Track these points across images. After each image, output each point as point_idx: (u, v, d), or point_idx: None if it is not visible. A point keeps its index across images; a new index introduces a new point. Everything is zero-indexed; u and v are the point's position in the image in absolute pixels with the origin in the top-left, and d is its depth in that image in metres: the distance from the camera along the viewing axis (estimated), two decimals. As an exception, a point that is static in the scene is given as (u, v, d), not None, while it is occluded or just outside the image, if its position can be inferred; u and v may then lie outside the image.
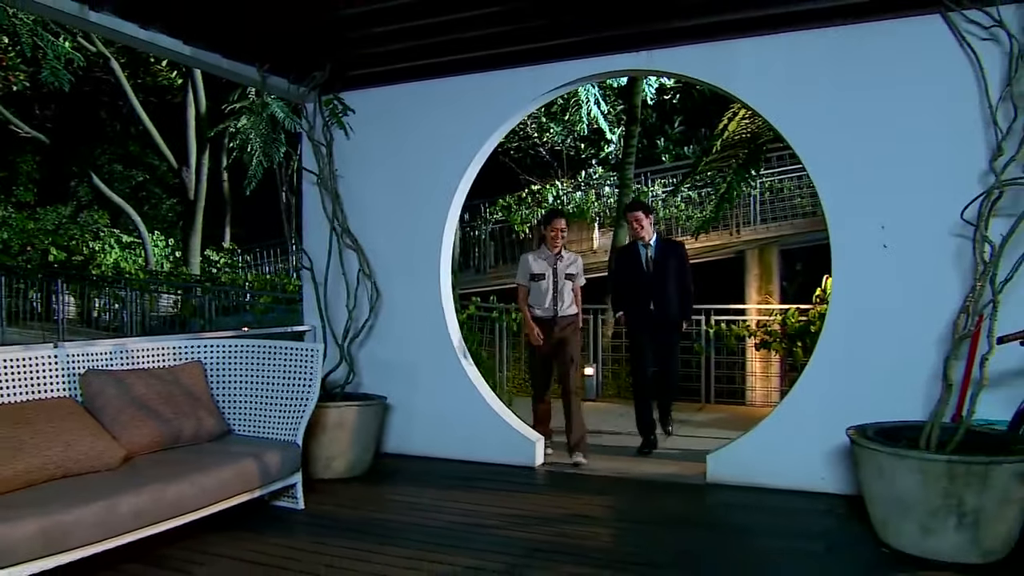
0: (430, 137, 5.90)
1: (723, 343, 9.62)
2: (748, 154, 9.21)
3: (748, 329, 9.62)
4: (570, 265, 6.06)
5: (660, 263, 6.26)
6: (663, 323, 6.27)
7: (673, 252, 6.45)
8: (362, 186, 6.08)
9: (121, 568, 3.64)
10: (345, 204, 6.00)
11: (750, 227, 14.33)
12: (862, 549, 3.93)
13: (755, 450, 5.06)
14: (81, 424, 3.78)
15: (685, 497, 4.94)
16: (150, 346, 4.61)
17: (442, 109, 5.88)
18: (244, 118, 18.54)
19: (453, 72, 5.77)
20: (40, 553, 3.08)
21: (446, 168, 5.89)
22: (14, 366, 3.91)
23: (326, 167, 5.97)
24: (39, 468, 3.45)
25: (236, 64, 5.50)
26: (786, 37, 4.93)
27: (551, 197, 16.14)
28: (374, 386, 5.91)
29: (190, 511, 3.76)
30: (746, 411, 9.09)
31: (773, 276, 13.94)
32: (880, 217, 4.72)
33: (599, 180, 16.70)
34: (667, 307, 6.25)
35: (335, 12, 4.95)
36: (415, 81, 5.94)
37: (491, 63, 5.61)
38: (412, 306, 5.99)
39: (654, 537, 4.15)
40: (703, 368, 9.67)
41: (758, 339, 9.35)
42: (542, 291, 5.97)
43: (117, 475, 3.69)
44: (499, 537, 4.12)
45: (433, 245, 5.92)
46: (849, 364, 4.79)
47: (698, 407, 9.02)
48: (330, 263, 5.86)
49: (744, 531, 4.36)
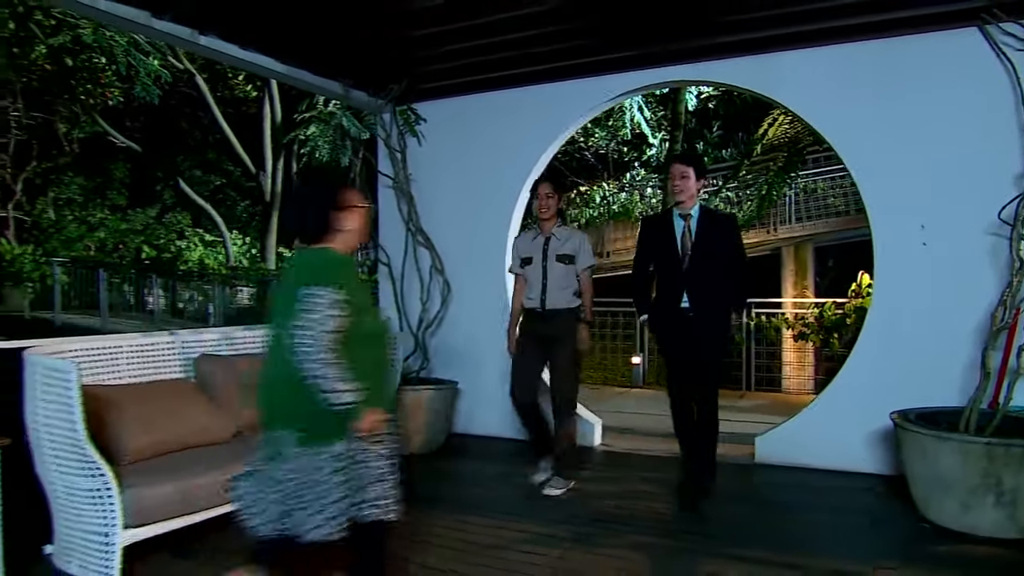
0: (495, 144, 6.03)
1: (763, 334, 9.61)
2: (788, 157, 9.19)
3: (787, 321, 9.61)
4: (564, 244, 4.56)
5: (702, 243, 4.22)
6: (701, 331, 4.21)
7: (721, 228, 4.32)
8: (433, 189, 6.24)
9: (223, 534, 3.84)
10: (418, 205, 6.17)
11: (786, 225, 14.23)
12: (904, 523, 3.97)
13: (800, 433, 5.11)
14: (197, 402, 4.00)
15: (734, 475, 5.00)
16: (252, 334, 4.82)
17: (506, 118, 6.01)
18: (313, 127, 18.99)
19: (516, 84, 5.88)
20: (174, 513, 3.30)
21: (509, 173, 6.01)
22: (139, 352, 4.15)
23: (401, 172, 6.15)
24: (167, 440, 3.67)
25: (323, 80, 5.70)
26: (830, 49, 4.96)
27: (598, 197, 16.19)
28: (445, 372, 6.07)
29: (292, 480, 3.96)
30: (783, 398, 9.11)
31: (808, 271, 13.84)
32: (920, 217, 4.73)
33: (642, 182, 16.69)
34: (706, 306, 4.21)
35: (409, 33, 5.10)
36: (481, 93, 6.07)
37: (552, 76, 5.71)
38: (479, 299, 6.13)
39: (708, 511, 4.24)
40: (744, 358, 9.68)
41: (796, 331, 9.33)
42: (532, 278, 4.62)
43: (230, 447, 3.90)
44: (564, 509, 4.25)
45: (498, 243, 6.05)
46: (889, 354, 4.81)
47: (739, 394, 9.03)
48: (406, 259, 6.04)
49: (792, 506, 4.44)
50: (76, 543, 3.27)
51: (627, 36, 5.03)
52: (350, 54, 5.50)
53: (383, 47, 5.42)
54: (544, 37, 5.07)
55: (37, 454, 3.32)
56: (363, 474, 2.54)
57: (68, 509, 3.26)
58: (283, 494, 2.48)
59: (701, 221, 4.28)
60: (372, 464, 2.56)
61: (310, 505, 2.45)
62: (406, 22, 4.87)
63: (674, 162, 4.41)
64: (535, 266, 4.59)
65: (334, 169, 3.32)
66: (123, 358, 4.06)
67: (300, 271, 2.55)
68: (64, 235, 20.90)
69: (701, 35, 4.98)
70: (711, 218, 4.35)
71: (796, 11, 4.55)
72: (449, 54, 5.47)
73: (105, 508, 3.10)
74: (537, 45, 5.22)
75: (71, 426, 3.02)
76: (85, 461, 3.06)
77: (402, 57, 5.57)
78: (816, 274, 14.34)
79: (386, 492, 2.57)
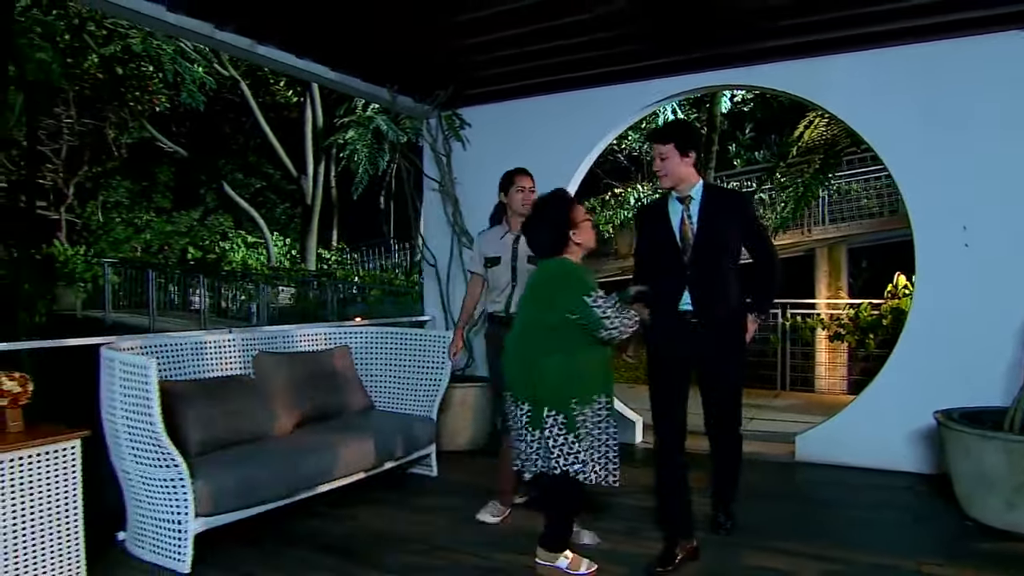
0: (539, 148, 6.07)
1: (798, 335, 9.57)
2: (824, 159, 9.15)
3: (822, 322, 9.55)
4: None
5: (707, 230, 3.39)
6: (710, 335, 3.42)
7: (729, 209, 3.47)
8: (478, 192, 6.29)
9: (295, 521, 3.97)
10: (462, 208, 6.26)
11: (820, 227, 14.12)
12: (947, 520, 3.97)
13: (841, 431, 5.10)
14: (258, 397, 4.12)
15: (775, 473, 5.01)
16: (306, 332, 4.94)
17: (550, 123, 6.05)
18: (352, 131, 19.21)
19: (560, 89, 5.93)
20: (239, 503, 3.42)
21: (552, 177, 6.01)
22: (202, 348, 4.29)
23: (446, 175, 6.25)
24: (230, 434, 3.80)
25: (371, 86, 5.82)
26: (873, 53, 4.94)
27: (632, 199, 16.17)
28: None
29: (348, 474, 4.06)
30: (817, 398, 9.07)
31: (842, 272, 13.71)
32: (962, 218, 4.70)
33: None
34: (714, 308, 3.41)
35: (455, 42, 5.17)
36: (525, 98, 6.12)
37: (595, 81, 5.73)
38: (521, 299, 6.18)
39: (753, 507, 4.25)
40: (779, 357, 9.65)
41: (831, 331, 9.27)
42: (498, 280, 4.12)
43: (289, 441, 4.02)
44: (613, 503, 4.30)
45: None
46: (930, 353, 4.79)
47: (774, 394, 9.00)
48: (452, 260, 6.13)
49: (833, 503, 4.44)
50: (149, 530, 3.40)
51: (674, 41, 5.04)
52: (398, 61, 5.60)
53: (430, 55, 5.50)
54: (588, 44, 5.11)
55: (113, 445, 3.46)
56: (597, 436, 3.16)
57: (142, 497, 3.39)
58: (545, 447, 3.10)
59: (705, 203, 3.42)
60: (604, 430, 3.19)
61: (563, 454, 3.07)
62: (453, 32, 4.95)
63: (651, 141, 3.61)
64: (503, 267, 4.09)
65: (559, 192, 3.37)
66: (187, 354, 4.20)
67: (555, 281, 3.17)
68: (112, 237, 21.36)
69: (747, 40, 4.99)
70: (717, 198, 3.47)
71: (842, 16, 4.54)
72: (494, 61, 5.54)
73: (178, 497, 3.23)
74: (580, 52, 5.26)
75: (148, 419, 3.15)
76: (161, 452, 3.18)
77: (448, 64, 5.66)
78: (850, 275, 14.21)
79: (609, 457, 3.19)
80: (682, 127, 3.61)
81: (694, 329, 3.41)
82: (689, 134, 3.54)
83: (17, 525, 2.99)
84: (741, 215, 3.47)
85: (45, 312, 16.16)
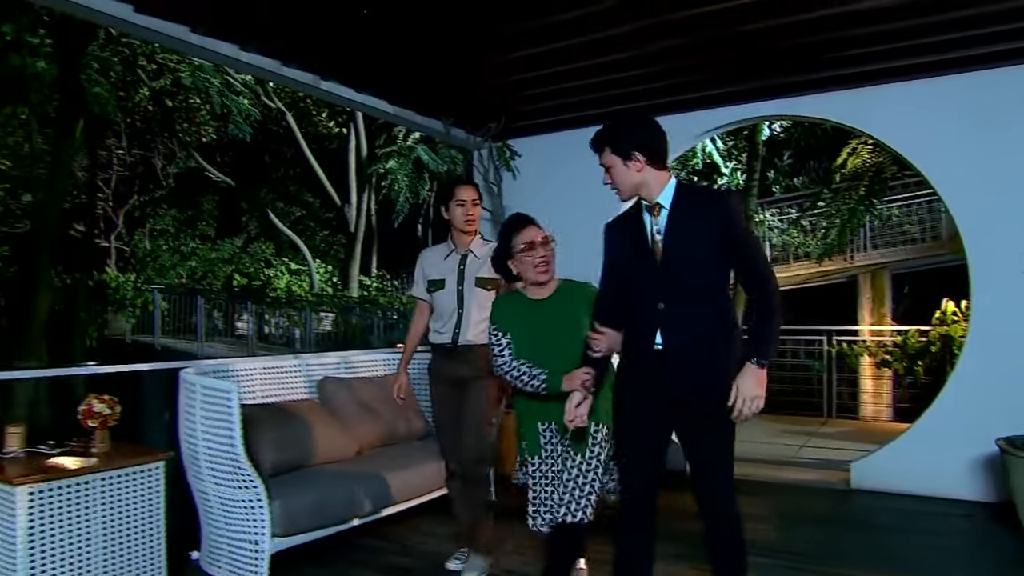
0: (589, 177, 6.10)
1: (844, 362, 9.49)
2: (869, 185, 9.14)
3: (868, 349, 9.47)
4: (486, 263, 3.47)
5: (677, 244, 2.55)
6: (688, 389, 2.53)
7: (705, 214, 2.54)
8: (527, 221, 6.42)
9: (359, 543, 4.06)
10: (512, 237, 6.36)
11: (863, 253, 14.03)
12: (1007, 547, 3.94)
13: (897, 459, 5.07)
14: (324, 422, 4.23)
15: (831, 500, 5.00)
16: (366, 358, 5.06)
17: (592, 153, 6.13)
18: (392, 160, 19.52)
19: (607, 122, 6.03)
20: (312, 524, 3.52)
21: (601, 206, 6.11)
22: (270, 373, 4.42)
23: (497, 205, 6.38)
24: (300, 456, 3.91)
25: (426, 118, 5.99)
26: (921, 83, 4.98)
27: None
28: (538, 395, 6.20)
29: (409, 498, 4.15)
30: (866, 425, 8.94)
31: (885, 299, 13.58)
32: (1018, 245, 4.70)
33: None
34: (697, 348, 2.53)
35: (507, 76, 5.31)
36: (575, 129, 6.21)
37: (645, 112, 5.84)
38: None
39: (809, 534, 4.26)
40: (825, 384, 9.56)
41: (878, 358, 9.18)
42: (443, 307, 3.60)
43: (354, 464, 4.12)
44: (670, 528, 4.30)
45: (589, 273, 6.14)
46: (988, 380, 4.76)
47: (821, 421, 8.90)
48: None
49: (891, 530, 4.41)
50: (224, 550, 3.51)
51: (724, 74, 5.14)
52: (451, 96, 5.76)
53: (482, 89, 5.65)
54: (637, 78, 5.22)
55: (191, 465, 3.58)
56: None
57: (219, 518, 3.51)
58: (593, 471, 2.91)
59: (675, 211, 2.56)
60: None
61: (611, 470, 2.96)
62: (505, 68, 5.09)
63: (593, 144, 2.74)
64: (447, 292, 3.58)
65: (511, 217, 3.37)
66: (256, 379, 4.34)
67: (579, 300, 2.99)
68: (159, 263, 21.92)
69: (795, 72, 5.06)
70: (689, 202, 2.57)
71: (890, 48, 4.60)
72: (544, 94, 5.65)
73: (256, 517, 3.34)
74: (629, 85, 5.36)
75: (230, 441, 3.27)
76: (240, 473, 3.30)
77: (499, 98, 5.80)
78: (893, 301, 14.06)
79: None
80: (613, 126, 2.70)
81: (671, 372, 2.53)
82: (621, 132, 2.66)
83: (105, 541, 3.13)
84: (721, 222, 2.50)
85: (96, 337, 16.60)
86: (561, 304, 3.02)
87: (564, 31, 4.44)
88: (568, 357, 2.81)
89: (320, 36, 4.49)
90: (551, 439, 2.95)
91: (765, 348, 2.45)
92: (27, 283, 13.94)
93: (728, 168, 16.33)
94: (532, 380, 2.86)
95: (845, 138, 9.99)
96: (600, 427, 2.89)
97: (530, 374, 2.88)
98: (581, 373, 2.71)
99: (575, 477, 2.86)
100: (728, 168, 16.33)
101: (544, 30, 4.45)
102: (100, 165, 20.88)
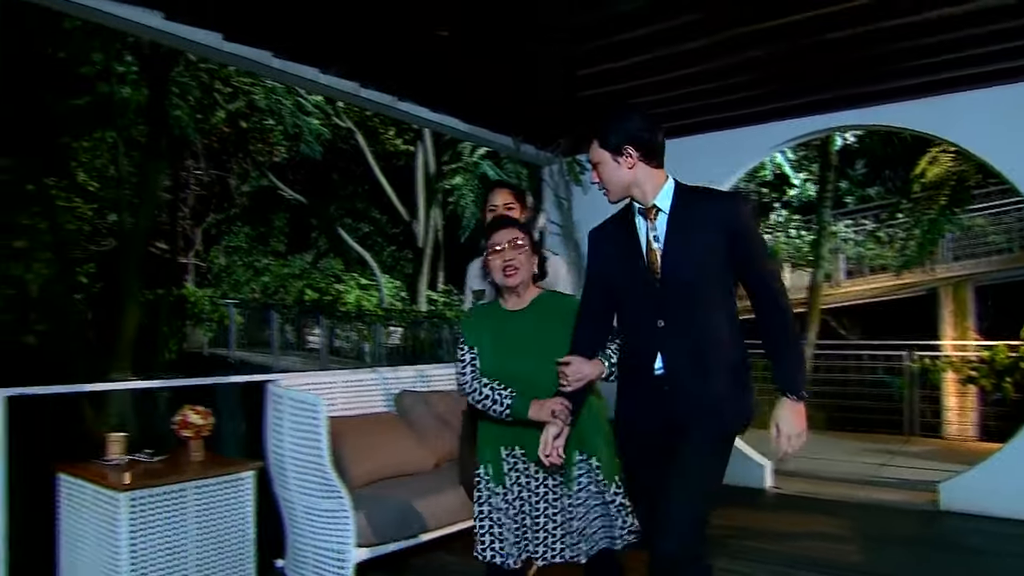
0: (659, 191, 6.17)
1: (926, 378, 9.17)
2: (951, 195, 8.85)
3: (952, 364, 9.14)
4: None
5: (676, 251, 2.26)
6: (692, 408, 2.25)
7: (710, 218, 2.25)
8: (598, 235, 6.44)
9: (435, 556, 4.12)
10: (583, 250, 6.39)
11: (944, 264, 13.55)
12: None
13: (989, 480, 4.87)
14: (403, 434, 4.31)
15: (917, 521, 4.84)
16: (441, 371, 5.14)
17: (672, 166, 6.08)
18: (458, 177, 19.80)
19: (677, 135, 5.99)
20: (395, 535, 3.59)
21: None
22: (350, 387, 4.54)
23: (568, 220, 6.42)
24: (381, 468, 4.00)
25: (497, 135, 6.09)
26: (1007, 88, 4.83)
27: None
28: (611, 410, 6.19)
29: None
30: (951, 444, 8.60)
31: (968, 312, 13.07)
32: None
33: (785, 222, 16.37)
34: (694, 370, 2.24)
35: (579, 92, 5.35)
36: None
37: (715, 126, 5.77)
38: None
39: (898, 556, 4.13)
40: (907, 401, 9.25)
41: (963, 375, 8.85)
42: None
43: (433, 477, 4.17)
44: (754, 548, 4.25)
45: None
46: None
47: (904, 439, 8.61)
48: (573, 302, 6.25)
49: (982, 552, 4.25)
50: (309, 559, 3.61)
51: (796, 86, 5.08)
52: (522, 112, 5.84)
53: (552, 105, 5.71)
54: (708, 92, 5.19)
55: (277, 475, 3.70)
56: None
57: (304, 527, 3.61)
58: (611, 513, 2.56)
59: (675, 215, 2.28)
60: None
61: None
62: (577, 84, 5.14)
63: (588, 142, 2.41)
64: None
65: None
66: (337, 392, 4.45)
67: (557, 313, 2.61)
68: (233, 279, 22.72)
69: (871, 81, 4.97)
70: (691, 205, 2.28)
71: (972, 54, 4.48)
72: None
73: (340, 527, 3.42)
74: (701, 99, 5.34)
75: (317, 453, 3.37)
76: (327, 484, 3.40)
77: (569, 113, 5.85)
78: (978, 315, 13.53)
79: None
80: (601, 118, 2.35)
81: (673, 401, 2.27)
82: (610, 123, 2.32)
83: (198, 547, 3.27)
84: (729, 228, 2.21)
85: (175, 350, 17.28)
86: (535, 316, 2.62)
87: (635, 47, 4.47)
88: (537, 377, 2.49)
89: (397, 58, 4.61)
90: (516, 466, 2.58)
91: (797, 378, 2.20)
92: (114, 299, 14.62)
93: (799, 179, 15.99)
94: (496, 404, 2.51)
95: (924, 146, 9.71)
96: (589, 458, 2.53)
97: (493, 397, 2.53)
98: (554, 403, 2.38)
99: (558, 513, 2.52)
100: (799, 179, 15.99)
101: (615, 47, 4.49)
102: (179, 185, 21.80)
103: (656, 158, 2.31)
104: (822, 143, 9.35)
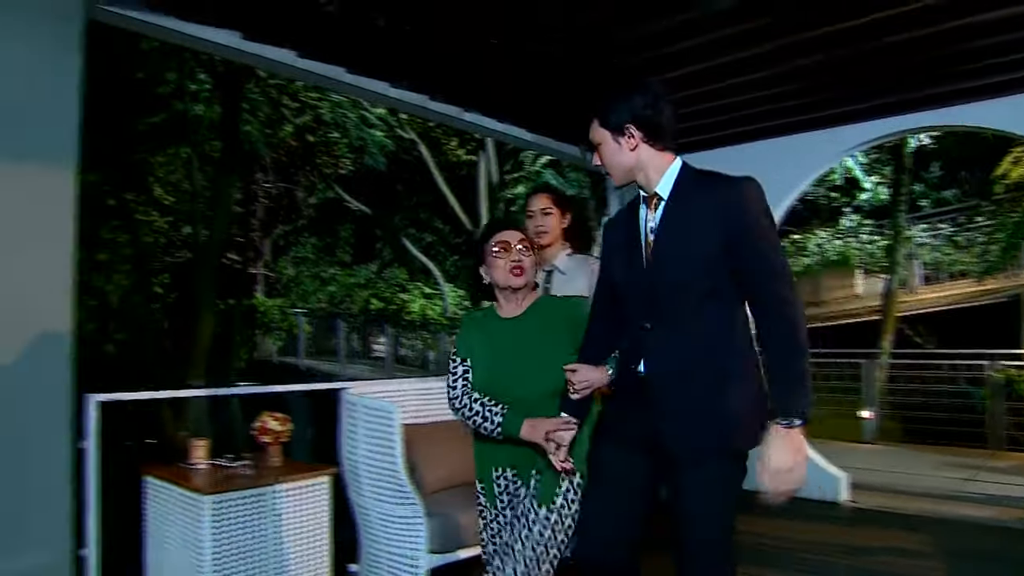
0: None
1: (1012, 389, 8.79)
2: (1036, 197, 8.49)
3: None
4: (571, 281, 3.24)
5: (669, 244, 1.99)
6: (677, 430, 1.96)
7: (713, 208, 1.95)
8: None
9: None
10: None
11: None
12: None
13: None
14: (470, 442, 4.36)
15: (1006, 539, 4.65)
16: (509, 380, 5.19)
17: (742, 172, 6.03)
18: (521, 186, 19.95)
19: (754, 139, 5.88)
20: (466, 542, 3.61)
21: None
22: (418, 395, 4.61)
23: (634, 228, 6.40)
24: (451, 475, 4.03)
25: (563, 144, 6.15)
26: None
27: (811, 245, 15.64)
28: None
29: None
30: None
31: (1056, 320, 12.48)
32: None
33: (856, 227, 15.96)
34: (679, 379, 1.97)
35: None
36: (709, 150, 6.13)
37: (782, 131, 5.68)
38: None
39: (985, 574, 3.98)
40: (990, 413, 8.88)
41: (1054, 386, 8.47)
42: None
43: (502, 485, 4.22)
44: (829, 563, 4.15)
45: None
46: None
47: (989, 453, 8.27)
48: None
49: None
50: (383, 564, 3.67)
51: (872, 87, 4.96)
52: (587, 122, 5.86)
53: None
54: (774, 96, 5.11)
55: (352, 482, 3.78)
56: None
57: (379, 533, 3.68)
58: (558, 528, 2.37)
59: (673, 202, 2.03)
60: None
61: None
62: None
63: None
64: None
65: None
66: (409, 399, 4.53)
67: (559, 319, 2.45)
68: (301, 289, 23.30)
69: (951, 80, 4.82)
70: (693, 192, 2.03)
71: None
72: (681, 116, 5.63)
73: (414, 534, 3.48)
74: (767, 104, 5.26)
75: (391, 460, 3.44)
76: (400, 491, 3.46)
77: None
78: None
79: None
80: (602, 94, 2.18)
81: (653, 407, 2.01)
82: (611, 99, 2.13)
83: (276, 551, 3.37)
84: (729, 214, 1.94)
85: (246, 358, 17.81)
86: (535, 322, 2.45)
87: (697, 55, 4.45)
88: (534, 389, 2.34)
89: (463, 70, 4.70)
90: (507, 488, 2.50)
91: (795, 401, 1.81)
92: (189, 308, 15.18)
93: (870, 183, 15.57)
94: (485, 422, 2.38)
95: (1006, 146, 9.35)
96: (574, 473, 2.32)
97: (483, 414, 2.38)
98: (549, 424, 2.23)
99: (536, 532, 2.33)
100: (870, 183, 15.57)
101: (677, 55, 4.47)
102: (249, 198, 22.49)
103: (662, 139, 2.06)
104: (895, 146, 9.09)
